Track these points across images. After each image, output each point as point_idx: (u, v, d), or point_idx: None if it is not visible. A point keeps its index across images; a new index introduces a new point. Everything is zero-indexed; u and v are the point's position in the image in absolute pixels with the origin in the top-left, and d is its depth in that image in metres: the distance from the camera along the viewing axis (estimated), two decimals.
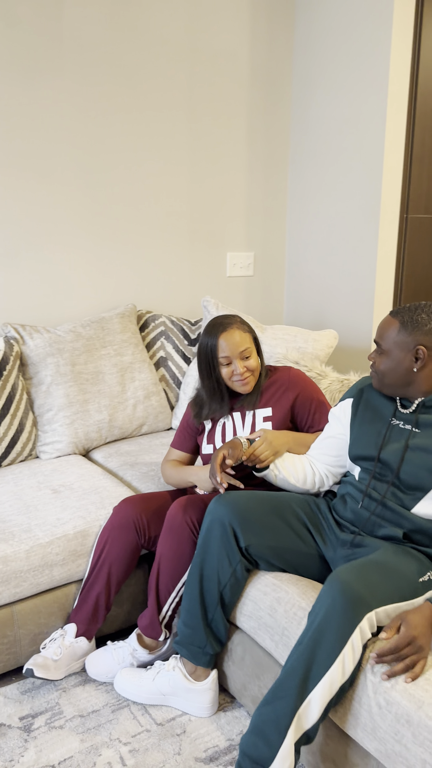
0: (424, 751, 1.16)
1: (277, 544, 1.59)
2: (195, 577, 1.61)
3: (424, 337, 1.48)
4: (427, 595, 1.43)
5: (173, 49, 2.71)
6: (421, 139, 2.82)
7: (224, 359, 1.82)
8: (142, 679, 1.71)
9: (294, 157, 3.12)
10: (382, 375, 1.55)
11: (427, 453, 1.47)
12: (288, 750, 1.29)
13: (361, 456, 1.60)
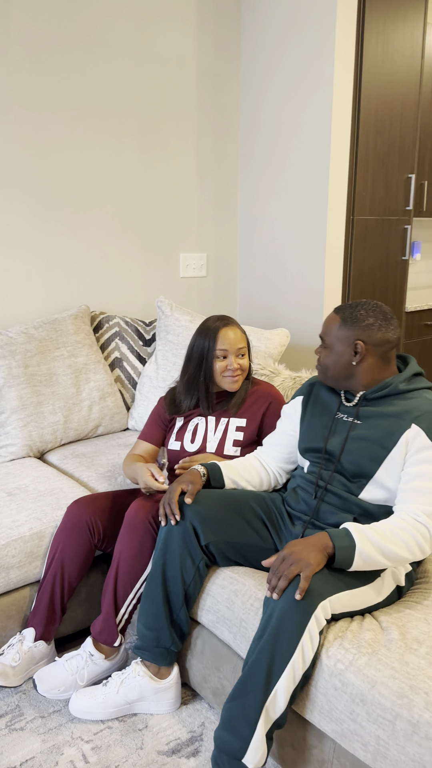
0: (377, 728, 1.22)
1: (235, 541, 1.63)
2: (157, 579, 1.62)
3: (363, 333, 1.55)
4: (379, 580, 1.49)
5: (121, 52, 2.72)
6: (365, 143, 2.92)
7: (221, 352, 1.88)
8: (104, 695, 1.66)
9: (243, 160, 3.17)
10: (325, 368, 1.61)
11: (367, 442, 1.53)
12: (260, 741, 1.33)
13: (310, 448, 1.66)
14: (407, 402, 1.53)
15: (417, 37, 2.98)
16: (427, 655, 1.28)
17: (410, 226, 3.22)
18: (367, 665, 1.28)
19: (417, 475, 1.45)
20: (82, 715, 1.66)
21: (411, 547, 1.41)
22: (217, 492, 1.68)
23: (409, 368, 1.60)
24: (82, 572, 1.83)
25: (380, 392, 1.56)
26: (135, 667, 1.68)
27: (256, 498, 1.72)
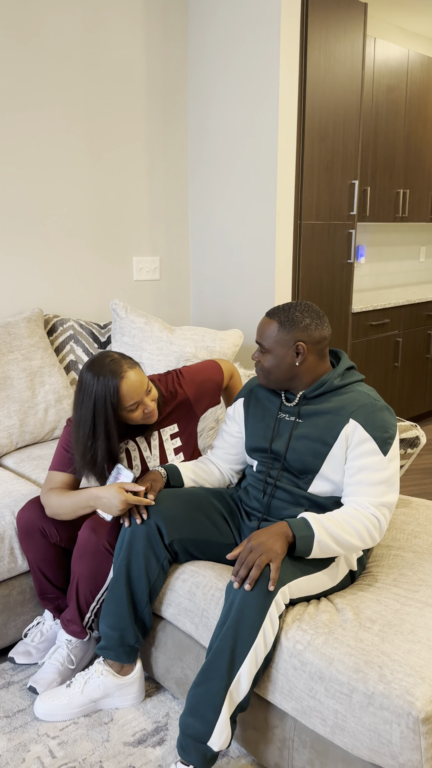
0: (335, 702, 1.29)
1: (197, 537, 1.68)
2: (121, 579, 1.64)
3: (302, 333, 1.59)
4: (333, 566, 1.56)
5: (71, 58, 2.75)
6: (310, 150, 3.02)
7: (133, 406, 1.65)
8: (68, 696, 1.69)
9: (193, 166, 3.24)
10: (267, 372, 1.63)
11: (309, 440, 1.60)
12: (224, 724, 1.38)
13: (256, 448, 1.72)
14: (343, 397, 1.60)
15: (357, 48, 3.11)
16: (380, 632, 1.36)
17: (354, 231, 3.35)
18: (324, 644, 1.35)
19: (360, 469, 1.53)
20: (47, 717, 1.68)
21: (363, 536, 1.49)
22: (179, 490, 1.73)
23: (341, 363, 1.66)
24: (58, 567, 1.86)
25: (318, 390, 1.62)
26: (98, 666, 1.70)
27: (216, 494, 1.77)
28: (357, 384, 1.64)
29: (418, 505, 2.01)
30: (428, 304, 4.18)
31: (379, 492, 1.52)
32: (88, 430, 1.64)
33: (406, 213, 4.23)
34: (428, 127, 4.24)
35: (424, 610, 1.43)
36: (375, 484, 1.52)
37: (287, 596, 1.44)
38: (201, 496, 1.74)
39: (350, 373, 1.67)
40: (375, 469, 1.52)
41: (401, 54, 3.88)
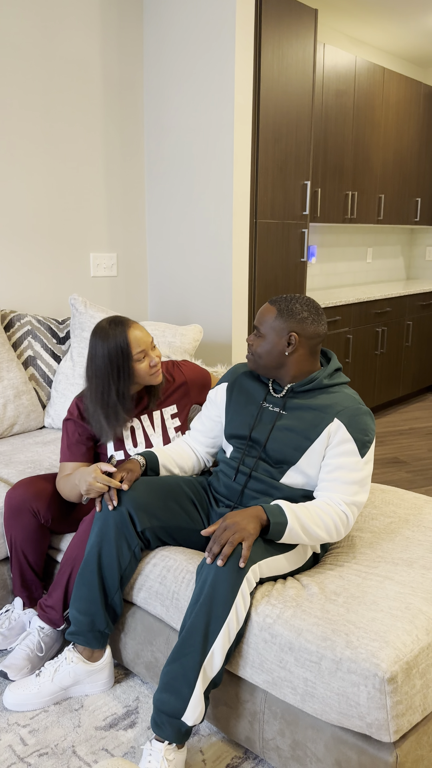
0: (305, 671, 1.35)
1: (169, 524, 1.71)
2: (93, 565, 1.65)
3: (297, 325, 1.65)
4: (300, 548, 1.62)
5: (27, 55, 2.74)
6: (264, 151, 3.10)
7: (140, 354, 1.80)
8: (38, 685, 1.70)
9: (150, 163, 3.27)
10: (258, 356, 1.69)
11: (292, 432, 1.66)
12: (198, 699, 1.42)
13: (235, 435, 1.77)
14: (330, 396, 1.66)
15: (308, 53, 3.21)
16: (345, 603, 1.43)
17: (307, 230, 3.45)
18: (293, 616, 1.41)
19: (338, 467, 1.59)
20: (17, 707, 1.68)
21: (330, 530, 1.55)
22: (150, 479, 1.76)
23: (331, 364, 1.73)
24: (41, 549, 1.88)
25: (307, 386, 1.68)
26: (68, 654, 1.71)
27: (187, 482, 1.81)
28: (343, 386, 1.71)
29: (374, 489, 2.10)
30: (376, 303, 4.33)
31: (351, 491, 1.59)
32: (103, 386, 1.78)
33: (354, 214, 4.37)
34: (375, 132, 4.40)
35: (384, 582, 1.51)
36: (349, 483, 1.59)
37: (257, 574, 1.49)
38: (173, 484, 1.77)
39: (338, 374, 1.74)
40: (351, 469, 1.59)
41: (349, 60, 4.02)
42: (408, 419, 4.51)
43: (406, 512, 1.91)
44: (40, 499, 1.85)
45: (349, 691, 1.28)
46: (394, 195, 4.75)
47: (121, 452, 1.93)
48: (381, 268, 5.43)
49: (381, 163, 4.53)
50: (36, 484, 1.88)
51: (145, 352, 1.81)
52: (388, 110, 4.48)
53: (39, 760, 1.53)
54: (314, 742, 1.39)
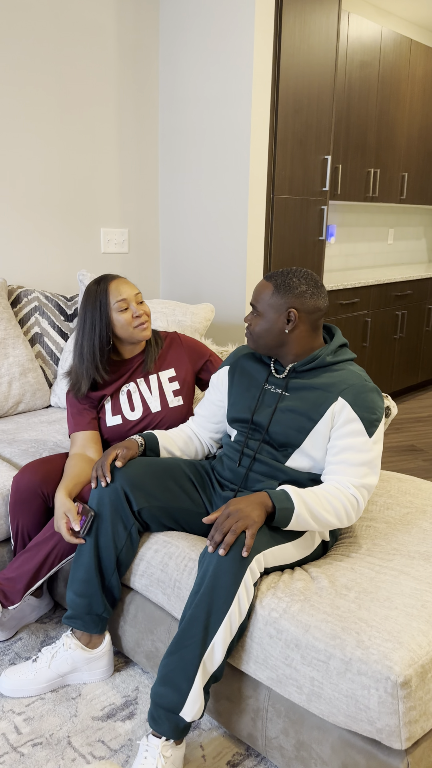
0: (312, 670, 1.26)
1: (168, 505, 1.64)
2: (89, 546, 1.60)
3: (296, 300, 1.55)
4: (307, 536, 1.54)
5: (40, 18, 2.63)
6: (284, 124, 2.97)
7: (121, 303, 1.78)
8: (35, 671, 1.64)
9: (164, 136, 3.15)
10: (257, 336, 1.60)
11: (295, 414, 1.57)
12: (198, 694, 1.34)
13: (237, 419, 1.68)
14: (334, 374, 1.57)
15: (332, 21, 3.06)
16: (356, 599, 1.35)
17: (326, 207, 3.32)
18: (300, 611, 1.32)
19: (345, 448, 1.50)
20: (13, 693, 1.63)
21: (340, 515, 1.47)
22: (148, 459, 1.68)
23: (335, 340, 1.64)
24: None
25: (309, 365, 1.59)
26: (66, 640, 1.65)
27: (187, 463, 1.73)
28: (348, 363, 1.62)
29: (389, 478, 2.00)
30: (396, 285, 4.19)
31: (361, 473, 1.50)
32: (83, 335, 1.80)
33: (376, 193, 4.22)
34: (400, 107, 4.23)
35: (399, 578, 1.42)
36: (358, 465, 1.50)
37: (262, 564, 1.41)
38: (173, 465, 1.70)
39: (342, 350, 1.64)
40: (359, 450, 1.50)
41: (375, 31, 3.85)
42: (426, 406, 4.38)
43: (423, 503, 1.81)
44: (48, 482, 1.78)
45: (359, 693, 1.19)
46: (418, 173, 4.58)
47: (119, 416, 1.88)
48: (403, 249, 5.27)
49: (405, 140, 4.36)
50: (44, 467, 1.81)
51: (127, 302, 1.79)
52: (414, 84, 4.30)
53: (32, 750, 1.47)
54: (320, 743, 1.31)
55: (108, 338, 1.81)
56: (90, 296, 1.80)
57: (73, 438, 1.87)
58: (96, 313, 1.79)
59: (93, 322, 1.79)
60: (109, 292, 1.78)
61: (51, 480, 1.79)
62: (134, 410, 1.89)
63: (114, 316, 1.80)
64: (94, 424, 1.88)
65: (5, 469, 1.98)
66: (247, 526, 1.37)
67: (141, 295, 1.85)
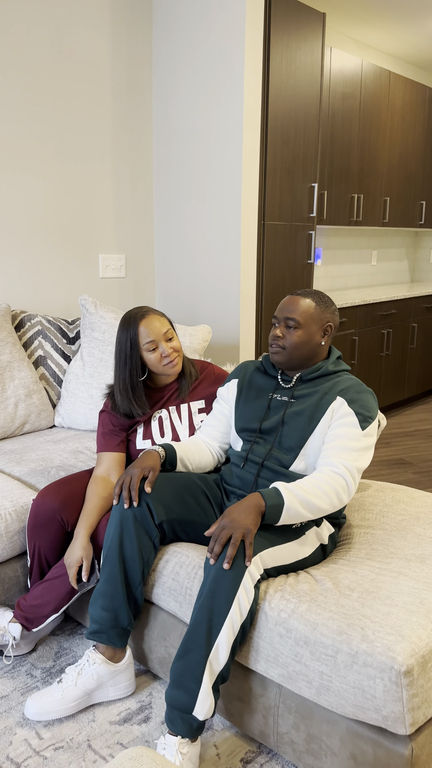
0: (321, 664, 1.36)
1: (182, 518, 1.73)
2: (115, 560, 1.65)
3: (332, 316, 1.76)
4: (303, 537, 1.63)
5: (39, 57, 2.77)
6: (273, 153, 3.13)
7: (150, 345, 1.86)
8: (62, 690, 1.65)
9: (158, 165, 3.29)
10: (294, 347, 1.71)
11: (300, 416, 1.71)
12: (207, 693, 1.43)
13: (245, 428, 1.80)
14: (334, 380, 1.74)
15: (316, 56, 3.24)
16: (359, 598, 1.44)
17: (314, 232, 3.47)
18: (308, 611, 1.42)
19: (338, 436, 1.64)
20: (41, 717, 1.61)
21: (331, 497, 1.57)
22: (167, 474, 1.77)
23: (334, 352, 1.82)
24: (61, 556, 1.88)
25: (315, 373, 1.75)
26: (90, 655, 1.68)
27: (201, 477, 1.83)
28: (345, 372, 1.79)
29: (383, 488, 2.11)
30: (382, 305, 4.35)
31: (351, 457, 1.62)
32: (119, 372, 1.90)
33: (360, 217, 4.39)
34: (381, 135, 4.42)
35: (398, 578, 1.52)
36: (348, 449, 1.62)
37: (260, 566, 1.50)
38: (188, 479, 1.79)
39: (339, 362, 1.81)
40: (351, 438, 1.63)
41: (355, 64, 4.05)
42: (413, 421, 4.52)
43: (416, 510, 1.92)
44: (67, 507, 1.84)
45: (366, 684, 1.29)
46: (399, 198, 4.77)
47: (149, 441, 1.96)
48: (386, 270, 5.45)
49: (386, 166, 4.55)
50: (63, 490, 1.87)
51: (156, 342, 1.87)
52: (393, 113, 4.51)
53: (55, 754, 1.54)
54: (329, 735, 1.40)
55: (138, 374, 1.90)
56: (122, 333, 1.89)
57: (100, 457, 1.94)
58: (128, 351, 1.88)
59: (125, 358, 1.89)
60: (138, 333, 1.87)
61: (69, 505, 1.85)
62: (164, 436, 1.97)
63: (144, 355, 1.89)
64: (122, 446, 1.95)
65: (17, 487, 2.06)
66: (243, 535, 1.46)
67: (171, 330, 1.91)
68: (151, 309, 1.92)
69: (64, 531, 1.85)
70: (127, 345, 1.88)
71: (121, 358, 1.89)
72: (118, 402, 1.93)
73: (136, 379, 1.90)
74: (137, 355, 1.88)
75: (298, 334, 1.71)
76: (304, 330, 1.72)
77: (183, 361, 2.02)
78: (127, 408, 1.92)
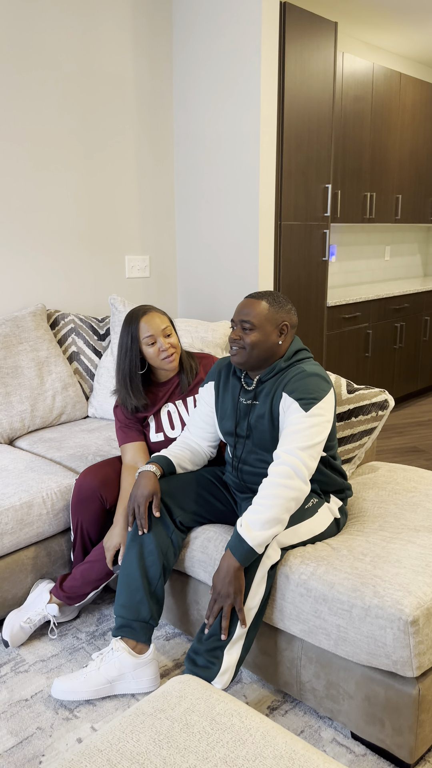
0: (338, 619, 1.54)
1: (202, 507, 1.90)
2: (134, 556, 1.77)
3: (286, 315, 1.78)
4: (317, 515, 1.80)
5: (67, 70, 2.97)
6: (288, 156, 3.30)
7: (149, 339, 1.99)
8: (85, 674, 1.74)
9: (179, 171, 3.48)
10: (251, 348, 1.75)
11: (264, 419, 1.79)
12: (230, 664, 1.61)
13: (226, 431, 1.91)
14: (283, 376, 1.77)
15: (329, 63, 3.40)
16: (372, 561, 1.63)
17: (328, 231, 3.63)
18: (325, 573, 1.61)
19: (287, 425, 1.69)
20: (64, 696, 1.71)
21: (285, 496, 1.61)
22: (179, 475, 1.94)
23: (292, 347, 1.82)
24: (102, 531, 2.08)
25: (270, 374, 1.79)
26: (114, 644, 1.75)
27: (208, 471, 2.00)
28: (300, 362, 1.80)
29: (395, 469, 2.28)
30: (395, 299, 4.50)
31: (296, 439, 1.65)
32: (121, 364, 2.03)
33: (373, 215, 4.55)
34: (391, 135, 4.57)
35: (407, 546, 1.70)
36: (294, 434, 1.66)
37: (278, 550, 1.66)
38: (197, 475, 1.96)
39: (297, 354, 1.82)
40: (296, 423, 1.67)
41: (366, 67, 4.20)
42: (426, 411, 4.67)
43: (426, 488, 2.09)
44: (106, 486, 2.04)
45: (377, 633, 1.47)
46: (410, 195, 4.91)
47: (161, 434, 2.13)
48: (399, 265, 5.59)
49: (398, 165, 4.70)
50: (102, 471, 2.07)
51: (154, 337, 2.00)
52: (404, 113, 4.65)
53: (102, 702, 1.74)
54: (346, 681, 1.58)
55: (137, 367, 2.03)
56: (125, 328, 2.03)
57: (123, 449, 2.11)
58: (128, 344, 2.02)
59: (126, 351, 2.03)
60: (139, 327, 2.00)
61: (108, 485, 2.05)
62: (174, 429, 2.12)
63: (144, 349, 2.02)
64: (141, 434, 2.12)
65: (60, 470, 2.27)
66: (231, 604, 1.59)
67: (170, 327, 2.04)
68: (153, 307, 2.05)
69: (104, 508, 2.05)
70: (128, 339, 2.01)
71: (122, 351, 2.03)
72: (120, 395, 2.07)
73: (135, 371, 2.03)
74: (137, 348, 2.01)
75: (254, 335, 1.74)
76: (259, 331, 1.74)
77: (182, 356, 2.13)
78: (124, 399, 2.06)
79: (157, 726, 1.04)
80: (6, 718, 1.69)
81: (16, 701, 1.75)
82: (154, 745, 1.00)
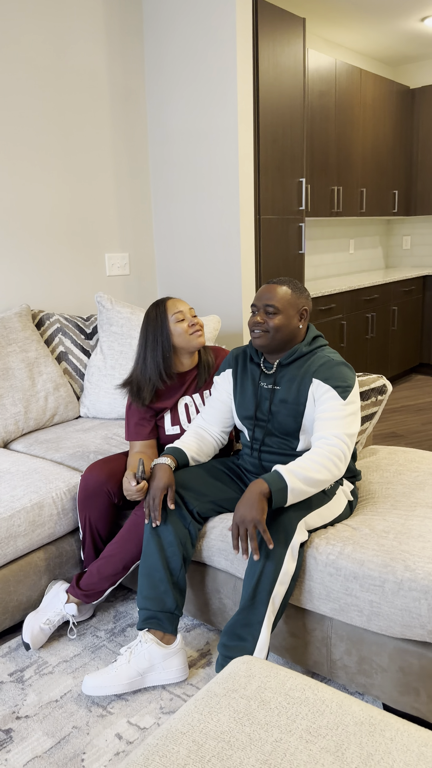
0: (370, 594, 1.58)
1: (216, 498, 1.92)
2: (153, 547, 1.79)
3: (306, 301, 1.86)
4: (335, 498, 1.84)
5: (41, 69, 2.93)
6: (264, 152, 3.34)
7: (178, 315, 2.03)
8: (115, 668, 1.74)
9: (155, 167, 3.47)
10: (275, 331, 1.81)
11: (287, 404, 1.84)
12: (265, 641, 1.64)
13: (244, 416, 1.95)
14: (308, 360, 1.84)
15: (299, 58, 3.45)
16: (396, 538, 1.67)
17: (304, 224, 3.69)
18: (353, 551, 1.64)
19: (324, 411, 1.77)
20: (96, 691, 1.71)
21: (330, 468, 1.68)
22: (192, 468, 1.95)
23: (309, 333, 1.91)
24: (112, 525, 2.07)
25: (291, 357, 1.84)
26: (142, 636, 1.77)
27: (220, 461, 2.03)
28: (320, 349, 1.88)
29: (395, 451, 2.35)
30: (365, 290, 4.61)
31: (340, 425, 1.73)
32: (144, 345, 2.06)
33: (340, 208, 4.64)
34: (355, 129, 4.67)
35: (425, 521, 1.76)
36: (336, 419, 1.73)
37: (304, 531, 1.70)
38: (210, 467, 1.98)
39: (316, 340, 1.90)
40: (336, 409, 1.74)
41: (329, 63, 4.28)
42: (398, 398, 4.79)
43: (429, 467, 2.16)
44: (113, 480, 2.04)
45: (411, 605, 1.52)
46: (374, 188, 5.03)
47: (177, 426, 2.14)
48: (362, 258, 5.72)
49: (361, 159, 4.81)
50: (107, 466, 2.07)
51: (183, 314, 2.04)
52: (365, 108, 4.76)
53: (134, 695, 1.74)
54: (379, 655, 1.62)
55: (170, 348, 2.04)
56: (150, 316, 2.05)
57: (132, 445, 2.12)
58: (157, 328, 2.04)
59: (155, 336, 2.04)
60: (167, 307, 2.04)
61: (113, 479, 2.05)
62: (190, 421, 2.14)
63: (172, 327, 2.04)
64: (153, 434, 2.12)
65: (64, 470, 2.24)
66: (255, 525, 1.62)
67: (194, 310, 2.12)
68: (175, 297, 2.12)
69: (111, 502, 2.05)
70: (156, 321, 2.03)
71: (150, 336, 2.04)
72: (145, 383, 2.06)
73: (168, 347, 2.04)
74: (166, 328, 2.03)
75: (278, 318, 1.81)
76: (283, 315, 1.81)
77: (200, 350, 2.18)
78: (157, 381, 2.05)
79: (233, 705, 1.05)
80: (39, 720, 1.67)
81: (46, 703, 1.72)
82: (236, 723, 1.01)
